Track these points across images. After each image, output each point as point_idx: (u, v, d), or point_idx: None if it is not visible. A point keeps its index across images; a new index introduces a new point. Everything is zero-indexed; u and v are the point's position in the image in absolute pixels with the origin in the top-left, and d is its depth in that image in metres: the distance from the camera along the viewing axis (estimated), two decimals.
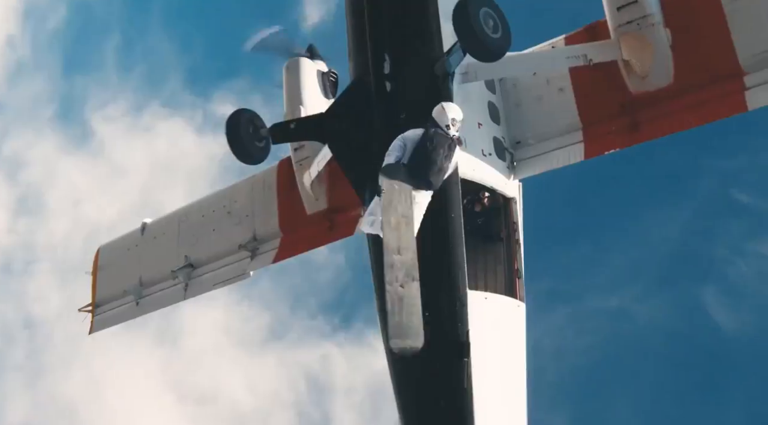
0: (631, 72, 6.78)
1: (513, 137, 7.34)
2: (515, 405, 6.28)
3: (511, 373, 6.34)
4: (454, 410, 5.69)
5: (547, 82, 7.31)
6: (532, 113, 7.36)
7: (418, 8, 6.76)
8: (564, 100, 7.24)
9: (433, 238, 5.87)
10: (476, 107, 6.97)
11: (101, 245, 11.56)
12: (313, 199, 8.84)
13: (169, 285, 10.21)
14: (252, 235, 9.46)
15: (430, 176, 5.60)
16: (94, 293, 11.24)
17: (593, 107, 7.07)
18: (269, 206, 9.45)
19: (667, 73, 6.69)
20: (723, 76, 6.43)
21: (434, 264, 5.89)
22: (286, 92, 9.02)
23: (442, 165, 5.72)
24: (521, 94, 7.43)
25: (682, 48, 6.65)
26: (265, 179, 9.61)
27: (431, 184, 5.63)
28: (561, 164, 7.21)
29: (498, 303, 6.37)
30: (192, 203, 10.55)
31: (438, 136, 5.62)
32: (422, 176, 5.57)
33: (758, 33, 6.35)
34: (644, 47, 6.67)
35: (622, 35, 6.77)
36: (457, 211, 6.09)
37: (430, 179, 5.57)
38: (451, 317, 5.86)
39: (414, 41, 6.65)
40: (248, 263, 9.36)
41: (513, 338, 6.44)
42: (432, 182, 5.62)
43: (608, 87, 6.94)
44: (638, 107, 6.79)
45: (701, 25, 6.58)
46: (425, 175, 5.59)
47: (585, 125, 7.11)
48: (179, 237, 10.37)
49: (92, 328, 11.05)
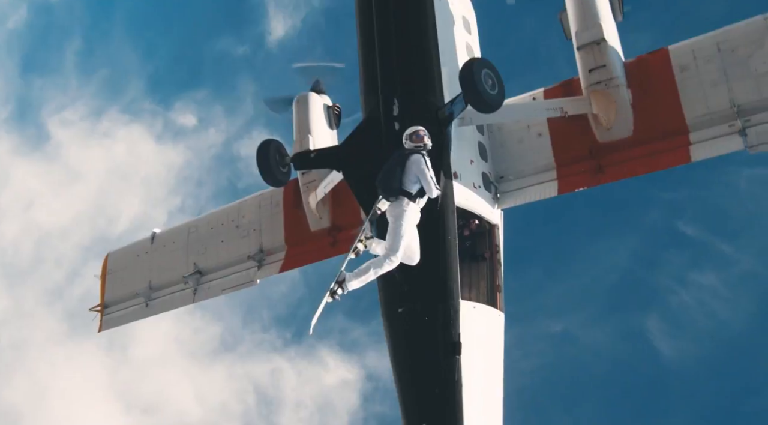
0: (599, 124, 8.11)
1: (497, 173, 8.58)
2: (495, 398, 7.48)
3: (492, 371, 7.55)
4: (447, 398, 6.85)
5: (528, 128, 8.60)
6: (514, 153, 8.62)
7: (424, 61, 8.00)
8: (541, 144, 8.53)
9: (432, 256, 7.07)
10: (469, 146, 8.19)
11: (110, 251, 12.44)
12: (317, 218, 9.97)
13: (179, 289, 11.17)
14: (259, 247, 10.53)
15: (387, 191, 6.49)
16: (103, 294, 12.10)
17: (566, 151, 8.37)
18: (276, 222, 10.53)
19: (628, 126, 8.03)
20: (673, 132, 7.79)
21: (433, 278, 7.10)
22: (296, 123, 10.16)
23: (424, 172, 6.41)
24: (505, 137, 8.68)
25: (640, 107, 8.01)
26: (272, 198, 10.70)
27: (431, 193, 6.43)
28: (537, 197, 8.48)
29: (483, 312, 7.55)
30: (201, 216, 11.57)
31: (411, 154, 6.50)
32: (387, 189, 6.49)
33: (702, 99, 7.73)
34: (610, 104, 8.01)
35: (592, 93, 8.11)
36: (453, 234, 7.30)
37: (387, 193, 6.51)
38: (446, 321, 7.04)
39: (419, 89, 7.87)
40: (255, 271, 10.41)
41: (494, 341, 7.64)
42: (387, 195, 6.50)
43: (579, 135, 8.25)
44: (604, 153, 8.11)
45: (657, 89, 7.96)
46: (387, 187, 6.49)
47: (558, 166, 8.40)
48: (188, 247, 11.35)
49: (101, 327, 11.92)
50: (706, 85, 7.66)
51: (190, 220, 11.64)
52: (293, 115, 10.29)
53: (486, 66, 6.92)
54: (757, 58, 7.31)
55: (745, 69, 7.39)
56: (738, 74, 7.43)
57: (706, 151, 7.68)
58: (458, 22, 8.73)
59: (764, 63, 7.31)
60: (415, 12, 8.13)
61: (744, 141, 7.35)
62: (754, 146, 7.33)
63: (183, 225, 11.62)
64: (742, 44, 7.45)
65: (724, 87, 7.51)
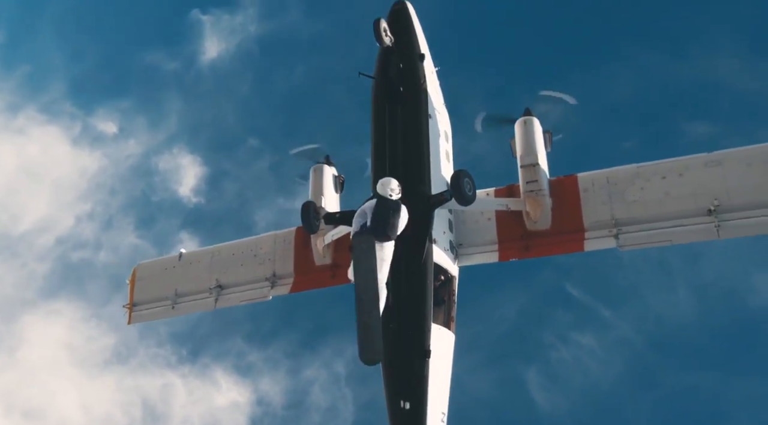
0: (529, 218, 12.10)
1: (458, 241, 12.42)
2: (445, 386, 11.10)
3: (445, 368, 11.23)
4: (418, 384, 10.49)
5: (481, 213, 12.49)
6: (471, 229, 12.49)
7: (420, 161, 11.73)
8: (490, 226, 12.47)
9: (417, 293, 10.84)
10: (442, 222, 11.98)
11: (139, 263, 15.60)
12: (321, 256, 13.57)
13: (201, 297, 14.39)
14: (272, 272, 13.98)
15: (388, 231, 9.54)
16: (132, 295, 15.24)
17: (506, 232, 12.32)
18: (287, 255, 14.02)
19: (548, 222, 12.03)
20: (575, 230, 11.87)
21: (416, 307, 10.85)
22: (312, 186, 13.80)
23: (393, 222, 9.54)
24: (466, 218, 12.52)
25: (556, 210, 12.05)
26: (285, 237, 14.21)
27: (389, 237, 9.51)
28: (483, 262, 12.37)
29: (442, 332, 11.27)
30: (223, 244, 14.90)
31: (385, 202, 9.61)
32: (381, 232, 9.49)
33: (594, 211, 11.80)
34: (537, 206, 12.08)
35: (527, 197, 12.13)
36: (431, 280, 11.06)
37: (388, 233, 9.49)
38: (421, 336, 10.76)
39: (416, 181, 11.52)
40: (269, 290, 13.80)
41: (447, 350, 11.31)
42: (390, 235, 9.51)
43: (515, 223, 12.22)
44: (530, 237, 12.11)
45: (567, 200, 12.03)
46: (383, 231, 9.49)
47: (500, 242, 12.34)
48: (211, 266, 14.66)
49: (130, 320, 15.02)
50: (598, 203, 11.80)
51: (213, 247, 15.00)
52: (310, 179, 13.96)
53: (467, 176, 10.86)
54: (629, 192, 11.57)
55: (621, 197, 11.60)
56: (617, 200, 11.62)
57: (594, 245, 11.77)
58: (442, 135, 12.62)
59: (633, 195, 11.54)
60: (416, 126, 11.95)
61: (617, 242, 11.51)
62: (623, 246, 11.51)
63: (207, 250, 14.96)
64: (621, 181, 11.69)
65: (608, 206, 11.69)
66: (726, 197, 10.79)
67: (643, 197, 11.46)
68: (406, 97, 11.89)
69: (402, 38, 12.09)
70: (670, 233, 11.12)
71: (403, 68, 12.00)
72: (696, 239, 10.98)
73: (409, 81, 11.97)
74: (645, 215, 11.42)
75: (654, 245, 11.30)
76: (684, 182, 11.19)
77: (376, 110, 12.04)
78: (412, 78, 12.01)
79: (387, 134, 11.79)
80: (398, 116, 11.83)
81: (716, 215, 10.78)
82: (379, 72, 12.05)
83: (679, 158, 11.38)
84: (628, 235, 11.46)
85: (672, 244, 11.11)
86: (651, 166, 11.59)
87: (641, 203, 11.48)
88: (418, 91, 12.00)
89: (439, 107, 12.59)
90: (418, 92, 11.99)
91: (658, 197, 11.34)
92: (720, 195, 10.82)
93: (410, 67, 12.07)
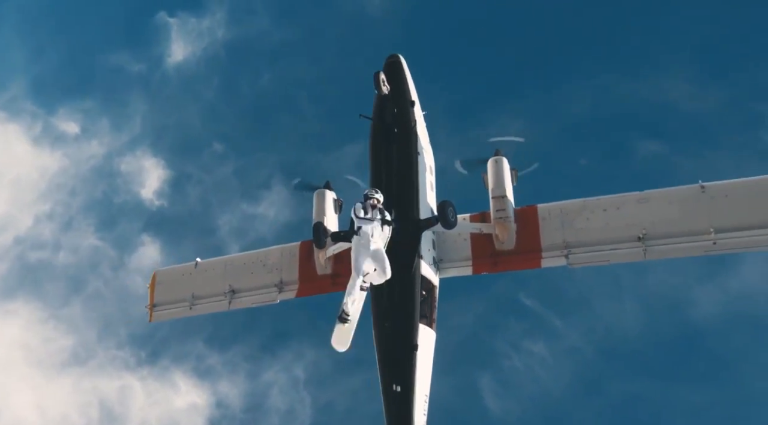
0: (497, 239, 14.75)
1: (439, 257, 15.01)
2: (427, 374, 13.55)
3: (427, 360, 13.73)
4: (407, 371, 13.03)
5: (459, 234, 15.16)
6: (450, 247, 15.07)
7: (411, 191, 14.37)
8: (465, 245, 15.06)
9: (407, 301, 13.42)
10: (428, 241, 14.55)
11: (158, 269, 17.88)
12: (323, 267, 16.05)
13: (217, 299, 16.77)
14: (279, 279, 16.39)
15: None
16: (152, 296, 17.49)
17: (478, 251, 14.93)
18: (293, 265, 16.44)
19: (513, 243, 14.64)
20: (534, 250, 14.57)
21: (407, 311, 13.42)
22: (316, 208, 16.29)
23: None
24: (446, 237, 15.08)
25: (520, 234, 14.70)
26: (291, 250, 16.63)
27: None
28: (458, 274, 15.06)
29: (427, 330, 13.77)
30: (235, 255, 17.29)
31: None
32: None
33: (550, 235, 14.49)
34: (505, 230, 14.77)
35: (496, 222, 14.79)
36: (419, 289, 13.60)
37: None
38: (410, 333, 13.29)
39: (407, 207, 14.16)
40: (277, 294, 16.22)
41: (429, 345, 13.86)
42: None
43: (487, 243, 14.85)
44: (498, 256, 14.76)
45: (528, 226, 14.68)
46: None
47: (473, 258, 14.94)
48: (225, 274, 16.99)
49: (151, 318, 17.30)
50: (553, 229, 14.53)
51: (225, 257, 17.37)
52: (314, 202, 16.50)
53: (451, 206, 13.56)
54: (577, 221, 14.30)
55: (571, 225, 14.36)
56: (568, 227, 14.39)
57: (549, 262, 14.41)
58: (428, 169, 15.28)
59: (580, 224, 14.28)
60: (407, 161, 14.58)
61: (567, 260, 14.25)
62: (571, 264, 14.25)
63: (220, 259, 17.32)
64: (571, 212, 14.45)
65: (561, 232, 14.44)
66: (652, 227, 13.67)
67: (588, 225, 14.26)
68: (399, 137, 14.59)
69: (396, 87, 14.82)
70: (608, 254, 13.95)
71: (397, 113, 14.71)
72: (628, 260, 13.84)
73: (402, 124, 14.69)
74: (589, 240, 14.19)
75: (596, 264, 14.10)
76: (620, 214, 14.06)
77: (374, 147, 14.70)
78: (404, 121, 14.74)
79: (383, 167, 14.43)
80: (393, 153, 14.51)
81: (644, 242, 13.64)
82: (377, 115, 14.74)
83: (616, 195, 14.24)
84: (575, 255, 14.25)
85: (609, 263, 13.93)
86: (594, 200, 14.43)
87: (587, 230, 14.26)
88: (410, 133, 14.72)
89: (426, 145, 15.33)
90: (410, 133, 14.72)
91: (600, 226, 14.16)
92: (647, 226, 13.70)
93: (403, 112, 14.79)
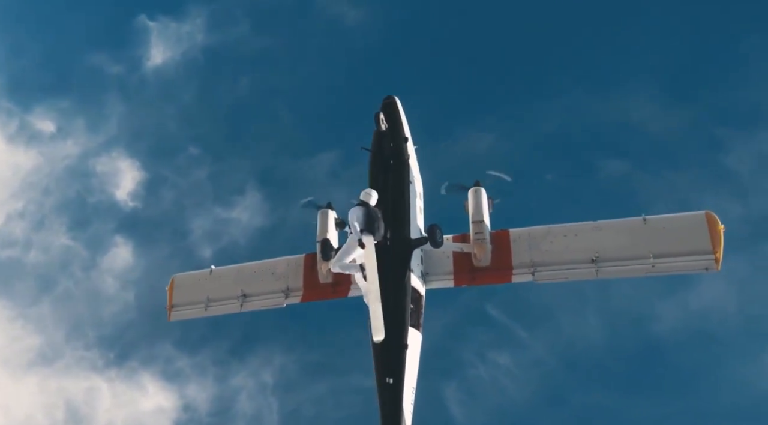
0: (475, 257, 17.27)
1: (426, 271, 17.45)
2: (414, 368, 16.13)
3: (414, 358, 16.21)
4: (398, 368, 15.56)
5: (443, 252, 17.70)
6: (435, 263, 17.50)
7: (404, 214, 16.98)
8: (448, 261, 17.50)
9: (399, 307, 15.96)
10: (417, 257, 16.99)
11: (175, 275, 20.25)
12: (325, 276, 18.52)
13: (230, 302, 19.18)
14: (286, 286, 18.79)
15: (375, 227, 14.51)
16: (171, 298, 19.84)
17: (459, 266, 17.38)
18: (298, 274, 18.83)
19: (488, 261, 17.13)
20: (505, 267, 17.22)
21: (399, 316, 16.00)
22: (320, 225, 18.84)
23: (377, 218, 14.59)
24: (432, 253, 17.39)
25: (494, 253, 17.22)
26: (296, 261, 19.00)
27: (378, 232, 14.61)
28: (441, 286, 17.66)
29: (414, 332, 16.32)
30: (246, 264, 19.62)
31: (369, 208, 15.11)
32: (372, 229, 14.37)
33: (520, 255, 17.13)
34: (482, 250, 17.33)
35: (474, 243, 17.43)
36: (409, 297, 16.13)
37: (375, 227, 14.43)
38: (401, 334, 15.80)
39: (401, 228, 16.81)
40: (284, 299, 18.68)
41: (417, 346, 16.40)
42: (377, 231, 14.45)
43: (466, 260, 17.31)
44: (476, 271, 17.25)
45: (502, 247, 17.25)
46: (372, 227, 14.37)
47: (455, 273, 17.50)
48: (237, 280, 19.35)
49: (170, 317, 19.65)
50: (523, 250, 17.07)
51: (237, 265, 19.77)
52: (318, 220, 19.02)
53: (439, 228, 16.21)
54: (542, 244, 16.88)
55: (537, 247, 16.91)
56: (535, 248, 16.95)
57: (518, 278, 16.94)
58: (418, 196, 17.81)
59: (545, 246, 16.85)
60: (401, 189, 17.16)
61: (533, 277, 16.83)
62: (537, 280, 16.83)
63: (232, 267, 19.65)
64: (538, 236, 17.07)
65: (528, 253, 17.02)
66: (603, 251, 16.39)
67: (551, 248, 16.90)
68: (394, 168, 17.22)
69: (392, 125, 17.48)
70: (567, 273, 16.61)
71: (393, 147, 17.36)
72: (583, 278, 16.53)
73: (396, 157, 17.32)
74: (552, 260, 16.78)
75: (557, 281, 16.80)
76: (578, 240, 16.79)
77: (372, 175, 17.32)
78: (399, 155, 17.37)
79: (380, 193, 17.02)
80: (389, 181, 17.16)
81: (596, 263, 16.33)
82: (375, 149, 17.40)
83: (575, 224, 16.89)
84: (540, 273, 16.93)
85: (567, 280, 16.62)
86: (558, 227, 17.11)
87: (550, 251, 16.85)
88: (403, 165, 17.36)
89: (417, 175, 17.96)
90: (403, 165, 17.35)
91: (561, 249, 16.82)
92: (599, 250, 16.42)
93: (398, 146, 17.44)
